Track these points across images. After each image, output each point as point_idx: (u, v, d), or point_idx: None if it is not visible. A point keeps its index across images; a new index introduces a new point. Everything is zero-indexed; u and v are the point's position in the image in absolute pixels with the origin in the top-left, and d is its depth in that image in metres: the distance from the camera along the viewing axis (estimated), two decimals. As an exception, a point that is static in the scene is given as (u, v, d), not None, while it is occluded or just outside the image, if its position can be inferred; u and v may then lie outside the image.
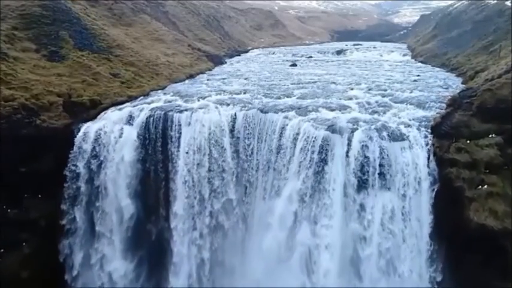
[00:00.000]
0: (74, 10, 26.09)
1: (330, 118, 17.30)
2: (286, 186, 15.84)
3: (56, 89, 19.47)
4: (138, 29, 35.91)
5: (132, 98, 21.48)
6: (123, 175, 18.02)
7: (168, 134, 18.23)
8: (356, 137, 15.42)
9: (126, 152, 18.09)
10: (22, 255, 17.63)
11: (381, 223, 14.52)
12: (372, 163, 14.88)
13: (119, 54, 25.30)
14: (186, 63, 31.76)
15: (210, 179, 17.53)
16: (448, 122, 14.82)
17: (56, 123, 18.33)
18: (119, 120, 18.85)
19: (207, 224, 17.65)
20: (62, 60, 21.99)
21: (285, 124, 17.13)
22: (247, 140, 17.73)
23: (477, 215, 12.99)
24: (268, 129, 17.42)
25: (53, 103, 18.74)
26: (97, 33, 25.56)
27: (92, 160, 17.90)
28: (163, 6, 46.77)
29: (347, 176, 15.00)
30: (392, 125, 16.39)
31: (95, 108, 19.62)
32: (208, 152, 17.52)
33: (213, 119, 18.24)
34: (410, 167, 14.71)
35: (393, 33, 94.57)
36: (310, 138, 15.91)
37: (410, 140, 15.21)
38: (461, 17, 45.12)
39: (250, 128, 17.70)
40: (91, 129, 18.40)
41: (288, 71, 33.54)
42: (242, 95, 22.08)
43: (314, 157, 15.44)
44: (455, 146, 14.15)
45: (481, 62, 25.94)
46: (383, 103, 19.96)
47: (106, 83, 21.61)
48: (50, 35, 22.97)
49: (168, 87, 25.03)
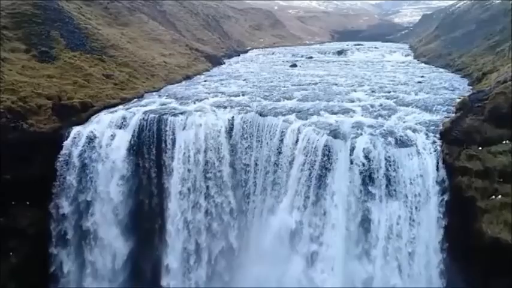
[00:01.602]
0: (67, 9, 25.29)
1: (332, 122, 16.43)
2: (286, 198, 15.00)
3: (45, 91, 18.61)
4: (134, 29, 35.03)
5: (126, 100, 20.66)
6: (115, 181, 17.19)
7: (162, 139, 17.38)
8: (360, 142, 14.54)
9: (118, 157, 17.25)
10: (9, 264, 16.79)
11: (386, 236, 13.62)
12: (377, 171, 13.99)
13: (113, 55, 24.44)
14: (183, 64, 30.89)
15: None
16: (458, 127, 13.93)
17: (44, 127, 17.49)
18: (110, 123, 18.02)
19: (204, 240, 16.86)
20: (53, 61, 21.13)
21: (284, 128, 16.29)
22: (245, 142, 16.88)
23: (490, 228, 12.13)
24: (267, 133, 16.57)
25: (41, 106, 17.89)
26: (90, 33, 24.70)
27: (81, 166, 17.04)
28: (160, 6, 45.89)
29: (350, 184, 14.12)
30: (398, 129, 15.52)
31: (86, 111, 18.80)
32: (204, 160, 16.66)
33: (209, 122, 17.40)
34: (418, 175, 13.81)
35: (394, 33, 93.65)
36: (312, 143, 15.03)
37: (417, 146, 14.31)
38: (465, 16, 44.28)
39: (248, 133, 16.84)
40: (81, 133, 17.56)
41: (288, 71, 32.69)
42: (240, 97, 21.25)
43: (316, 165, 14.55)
44: (466, 153, 13.26)
45: (488, 63, 25.08)
46: (387, 106, 19.10)
47: (98, 84, 20.74)
48: (41, 35, 22.12)
49: (164, 88, 24.19)
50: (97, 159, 17.01)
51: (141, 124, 17.62)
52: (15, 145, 16.25)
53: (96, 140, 17.41)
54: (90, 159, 17.06)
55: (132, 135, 17.53)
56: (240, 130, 17.09)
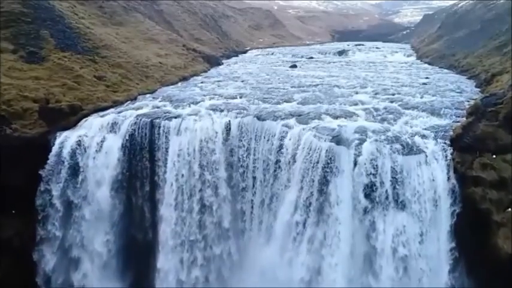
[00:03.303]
0: (58, 8, 24.25)
1: (335, 127, 15.44)
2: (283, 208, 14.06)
3: (32, 94, 17.59)
4: (130, 29, 34.09)
5: (118, 103, 19.68)
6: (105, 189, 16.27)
7: (154, 144, 16.46)
8: (365, 149, 13.59)
9: (109, 165, 16.32)
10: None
11: (393, 250, 12.67)
12: (384, 180, 13.04)
13: (105, 55, 23.45)
14: (179, 65, 29.91)
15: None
16: (470, 134, 12.96)
17: (30, 132, 16.51)
18: (101, 128, 17.08)
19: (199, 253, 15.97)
20: (41, 61, 20.09)
21: (284, 133, 15.36)
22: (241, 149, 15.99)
23: (507, 243, 11.18)
24: (266, 139, 15.65)
25: (27, 110, 16.89)
26: (82, 33, 23.69)
27: (69, 172, 16.10)
28: (157, 5, 45.00)
29: (354, 194, 13.18)
30: (405, 135, 14.56)
31: (75, 115, 17.79)
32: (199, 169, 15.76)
33: (204, 127, 16.47)
34: (427, 185, 12.85)
35: (395, 33, 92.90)
36: (313, 150, 14.09)
37: (426, 154, 13.34)
38: (469, 16, 43.41)
39: (245, 139, 15.92)
40: (69, 138, 16.61)
41: (287, 72, 31.76)
42: (238, 99, 20.32)
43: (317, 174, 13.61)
44: (480, 162, 12.30)
45: (496, 64, 24.16)
46: (392, 109, 18.15)
47: (89, 86, 19.73)
48: (30, 35, 21.09)
49: (159, 90, 23.21)
50: (85, 166, 16.04)
51: (133, 129, 16.70)
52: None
53: (85, 145, 16.47)
54: (77, 165, 16.09)
55: (123, 141, 16.62)
56: (236, 135, 16.19)
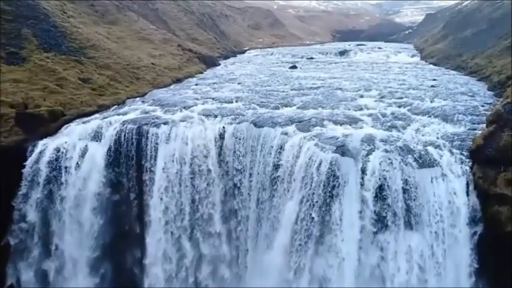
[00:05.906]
0: (43, 6, 22.80)
1: (339, 135, 13.99)
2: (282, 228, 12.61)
3: (9, 98, 16.17)
4: (122, 28, 32.68)
5: (104, 107, 18.29)
6: None
7: (141, 153, 15.02)
8: (373, 162, 12.15)
9: (91, 177, 14.88)
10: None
11: (406, 275, 11.23)
12: (395, 197, 11.61)
13: (92, 56, 22.00)
14: (173, 66, 28.47)
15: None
16: (492, 145, 11.53)
17: (5, 140, 15.06)
18: (83, 135, 15.64)
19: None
20: (22, 63, 18.68)
21: (283, 142, 13.94)
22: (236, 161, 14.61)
23: (538, 272, 9.77)
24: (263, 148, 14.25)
25: (2, 116, 15.46)
26: (68, 32, 22.22)
27: (47, 186, 14.65)
28: (153, 4, 43.57)
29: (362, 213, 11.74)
30: (417, 145, 13.11)
31: (56, 121, 16.36)
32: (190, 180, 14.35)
33: (196, 134, 15.07)
34: (444, 202, 11.40)
35: (397, 33, 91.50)
36: (315, 162, 12.65)
37: (442, 167, 11.90)
38: (475, 15, 42.00)
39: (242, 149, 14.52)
40: (48, 147, 15.15)
41: (287, 74, 30.31)
42: (234, 103, 18.87)
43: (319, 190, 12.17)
44: (505, 177, 10.89)
45: (508, 65, 22.70)
46: (401, 115, 16.75)
47: (73, 90, 18.28)
48: (10, 34, 19.65)
49: (150, 93, 21.77)
50: (64, 180, 14.59)
51: (118, 137, 15.27)
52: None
53: (65, 155, 15.02)
54: (56, 178, 14.65)
55: (107, 150, 15.19)
56: (231, 143, 14.80)
